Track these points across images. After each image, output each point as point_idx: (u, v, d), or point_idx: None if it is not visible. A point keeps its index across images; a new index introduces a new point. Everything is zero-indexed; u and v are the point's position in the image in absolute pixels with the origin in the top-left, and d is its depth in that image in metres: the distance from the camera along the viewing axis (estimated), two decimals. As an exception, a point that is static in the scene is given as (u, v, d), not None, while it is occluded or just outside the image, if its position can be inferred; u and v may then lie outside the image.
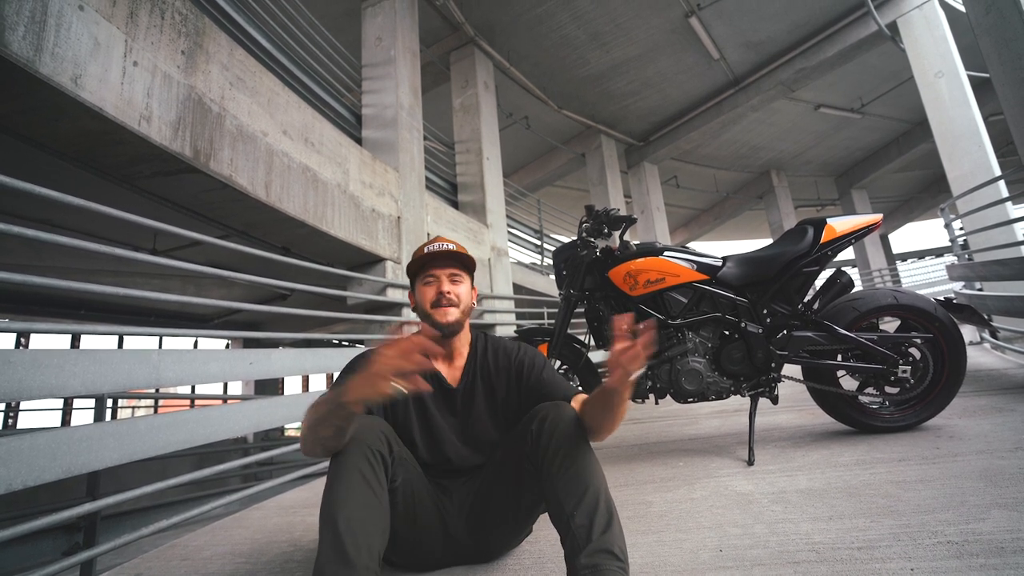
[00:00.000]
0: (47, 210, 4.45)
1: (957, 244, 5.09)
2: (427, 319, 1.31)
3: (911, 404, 2.07)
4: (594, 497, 1.03)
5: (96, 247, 2.06)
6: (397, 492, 1.16)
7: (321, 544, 0.99)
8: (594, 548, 0.96)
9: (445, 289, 1.28)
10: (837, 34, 9.12)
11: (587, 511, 1.01)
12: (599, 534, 0.98)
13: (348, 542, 0.96)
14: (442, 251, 1.29)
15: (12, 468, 1.62)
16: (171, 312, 8.88)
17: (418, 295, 1.33)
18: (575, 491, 1.04)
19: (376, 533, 1.02)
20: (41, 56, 2.31)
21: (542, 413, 1.17)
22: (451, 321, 1.28)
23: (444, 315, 1.28)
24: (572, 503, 1.03)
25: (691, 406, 3.36)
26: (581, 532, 0.99)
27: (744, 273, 2.11)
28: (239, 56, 3.65)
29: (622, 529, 1.02)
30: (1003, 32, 2.90)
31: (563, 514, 1.03)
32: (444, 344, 1.32)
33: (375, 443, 1.10)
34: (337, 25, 6.72)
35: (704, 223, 17.20)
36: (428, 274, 1.31)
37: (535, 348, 1.41)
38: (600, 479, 1.07)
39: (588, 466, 1.08)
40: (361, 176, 4.86)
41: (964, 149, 7.08)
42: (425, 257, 1.30)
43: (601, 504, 1.02)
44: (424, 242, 1.34)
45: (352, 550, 0.96)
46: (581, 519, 1.00)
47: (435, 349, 0.99)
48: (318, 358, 3.34)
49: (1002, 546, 1.09)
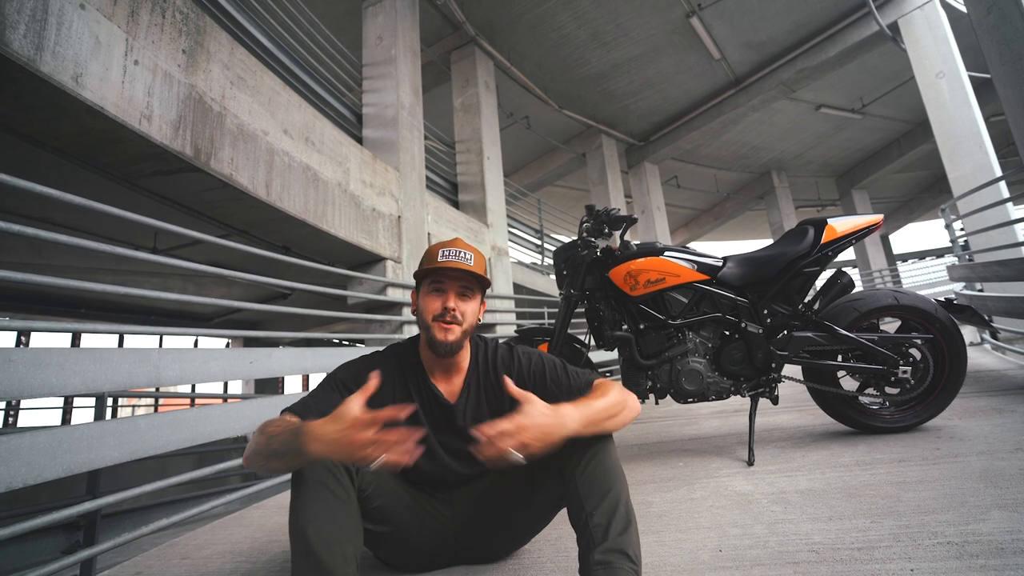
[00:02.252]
0: (48, 208, 4.45)
1: (958, 245, 5.09)
2: (425, 331, 1.20)
3: (911, 405, 2.07)
4: (615, 500, 1.03)
5: (96, 246, 2.06)
6: (372, 500, 1.12)
7: (294, 558, 0.96)
8: (609, 547, 0.96)
9: (451, 305, 1.17)
10: (838, 34, 9.11)
11: (606, 512, 1.01)
12: (616, 535, 0.98)
13: (322, 552, 0.94)
14: (459, 267, 1.17)
15: (12, 466, 1.62)
16: (171, 311, 8.88)
17: (421, 301, 1.21)
18: (597, 493, 1.04)
19: (348, 539, 0.99)
20: (42, 55, 2.31)
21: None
22: (450, 341, 1.17)
23: (444, 333, 1.17)
24: (592, 503, 1.03)
25: (691, 406, 3.36)
26: (598, 531, 0.99)
27: (745, 273, 2.11)
28: (240, 55, 3.65)
29: (639, 537, 1.02)
30: (1004, 32, 2.90)
31: (582, 512, 1.03)
32: (441, 360, 1.23)
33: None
34: (338, 24, 6.72)
35: (704, 223, 17.20)
36: (437, 282, 1.19)
37: (537, 351, 1.33)
38: (623, 485, 1.06)
39: (612, 470, 1.07)
40: (362, 175, 4.86)
41: (965, 150, 7.07)
42: (439, 266, 1.18)
43: (621, 508, 1.02)
44: (440, 242, 1.23)
45: (327, 558, 0.94)
46: (599, 519, 1.00)
47: (412, 438, 0.89)
48: (318, 357, 3.34)
49: (1002, 547, 1.09)
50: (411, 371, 1.25)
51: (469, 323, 1.21)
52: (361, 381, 1.04)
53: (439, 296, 1.19)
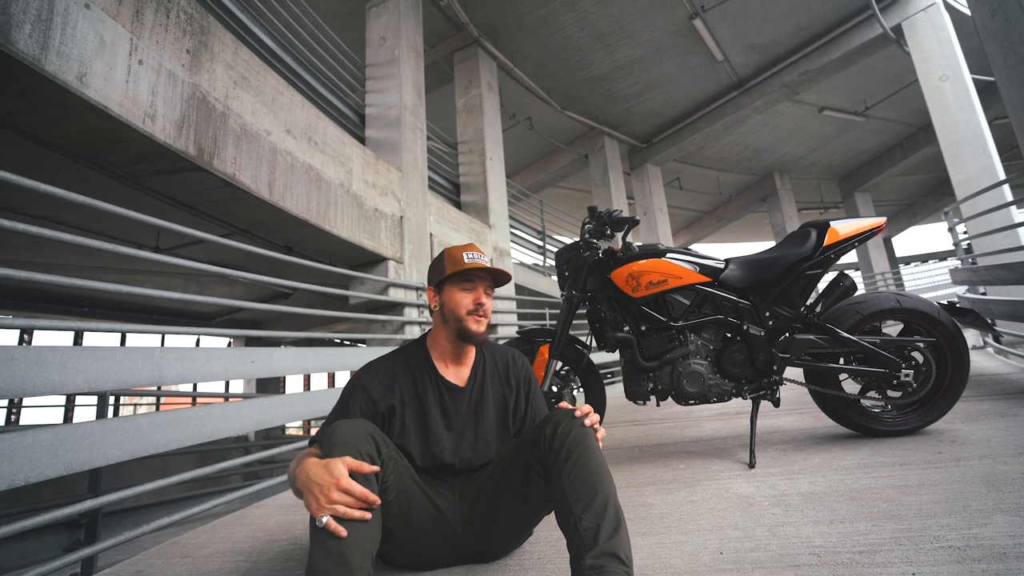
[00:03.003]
0: (51, 207, 4.46)
1: (961, 248, 5.08)
2: (458, 323, 1.33)
3: (913, 408, 2.06)
4: (603, 502, 1.04)
5: (99, 244, 2.07)
6: (389, 492, 1.16)
7: (314, 546, 0.99)
8: (600, 551, 0.96)
9: (483, 300, 1.33)
10: (841, 37, 9.10)
11: (595, 515, 1.01)
12: (606, 538, 0.98)
13: (343, 543, 0.97)
14: (488, 267, 1.33)
15: (15, 464, 1.62)
16: (174, 310, 8.89)
17: (452, 297, 1.34)
18: (584, 495, 1.05)
19: (368, 534, 1.02)
20: (47, 54, 2.32)
21: (556, 418, 1.19)
22: (481, 331, 1.33)
23: (478, 324, 1.33)
24: (580, 507, 1.03)
25: (692, 408, 3.35)
26: (588, 535, 0.99)
27: (747, 275, 2.11)
28: (244, 55, 3.66)
29: (629, 537, 1.02)
30: (1008, 36, 2.89)
31: (571, 517, 1.04)
32: (455, 349, 1.37)
33: (363, 446, 1.10)
34: (341, 25, 6.74)
35: (707, 225, 17.19)
36: (468, 280, 1.34)
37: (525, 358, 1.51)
38: (610, 486, 1.08)
39: (599, 472, 1.09)
40: (364, 176, 4.87)
41: (969, 153, 7.06)
42: (468, 267, 1.32)
43: (610, 510, 1.03)
44: (458, 246, 1.37)
45: (347, 550, 0.96)
46: (588, 522, 1.01)
47: (362, 516, 1.02)
48: (320, 357, 3.34)
49: (1004, 551, 1.08)
50: (419, 366, 1.36)
51: (489, 317, 1.37)
52: (383, 388, 1.29)
53: (470, 293, 1.34)
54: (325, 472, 1.02)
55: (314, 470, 1.03)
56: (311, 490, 1.01)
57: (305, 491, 1.02)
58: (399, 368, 1.35)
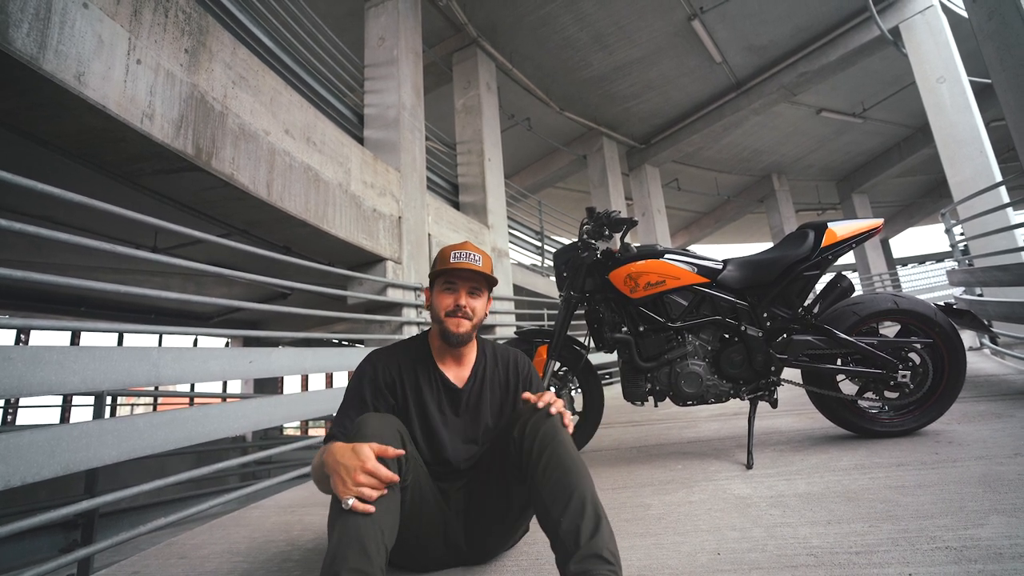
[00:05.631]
0: (48, 206, 4.45)
1: (958, 249, 5.09)
2: (439, 324, 1.35)
3: (910, 409, 2.06)
4: (580, 502, 1.02)
5: (97, 244, 2.06)
6: (407, 491, 1.17)
7: (334, 532, 0.98)
8: (583, 554, 0.95)
9: (462, 302, 1.32)
10: (839, 38, 9.12)
11: (573, 516, 1.00)
12: (587, 539, 0.97)
13: (365, 533, 0.97)
14: (470, 268, 1.31)
15: (11, 464, 1.62)
16: (171, 310, 8.87)
17: (435, 298, 1.36)
18: (561, 497, 1.04)
19: (388, 529, 1.02)
20: (45, 53, 2.31)
21: (523, 418, 1.19)
22: (461, 332, 1.32)
23: (456, 325, 1.32)
24: (558, 509, 1.02)
25: (690, 409, 3.36)
26: (569, 538, 0.98)
27: (744, 276, 2.11)
28: (242, 55, 3.66)
29: (612, 531, 1.01)
30: (1005, 38, 2.90)
31: (550, 520, 1.03)
32: (452, 349, 1.37)
33: (392, 442, 1.11)
34: (340, 25, 6.73)
35: (705, 226, 17.20)
36: (449, 282, 1.34)
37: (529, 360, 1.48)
38: (586, 482, 1.07)
39: (573, 470, 1.08)
40: (363, 176, 4.86)
41: (966, 154, 7.07)
42: (451, 267, 1.32)
43: (588, 508, 1.02)
44: (452, 245, 1.37)
45: (367, 539, 0.96)
46: (568, 525, 1.00)
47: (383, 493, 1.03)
48: (318, 357, 3.34)
49: (1000, 552, 1.08)
50: (421, 362, 1.38)
51: (478, 317, 1.35)
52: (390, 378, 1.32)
53: (451, 294, 1.34)
54: (352, 455, 1.03)
55: (341, 452, 1.04)
56: (338, 472, 1.02)
57: (332, 473, 1.03)
58: (404, 361, 1.37)
